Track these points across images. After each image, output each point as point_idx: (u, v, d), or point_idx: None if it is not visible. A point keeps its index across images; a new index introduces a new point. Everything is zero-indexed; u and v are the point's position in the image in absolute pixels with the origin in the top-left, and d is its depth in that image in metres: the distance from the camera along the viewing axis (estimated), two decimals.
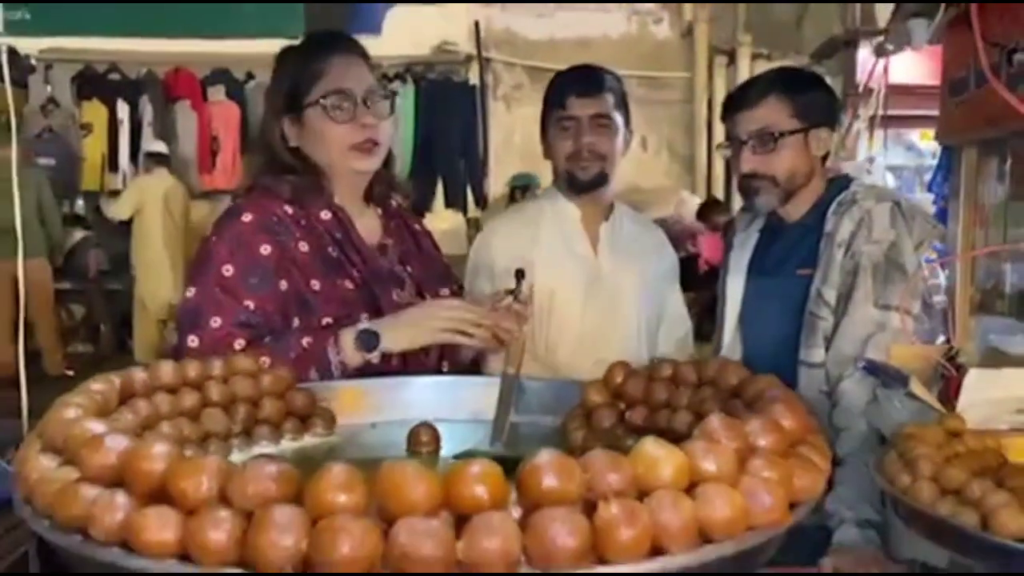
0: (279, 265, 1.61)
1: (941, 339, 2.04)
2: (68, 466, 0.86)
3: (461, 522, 0.75)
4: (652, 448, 0.80)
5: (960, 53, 4.04)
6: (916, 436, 1.24)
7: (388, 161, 1.80)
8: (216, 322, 1.56)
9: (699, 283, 4.92)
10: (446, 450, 1.35)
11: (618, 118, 2.15)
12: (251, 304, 1.57)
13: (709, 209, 7.12)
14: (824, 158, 1.96)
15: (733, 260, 2.08)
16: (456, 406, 1.50)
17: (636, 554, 0.74)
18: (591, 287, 2.18)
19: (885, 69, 5.58)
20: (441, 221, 7.30)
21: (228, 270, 1.59)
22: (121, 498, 0.77)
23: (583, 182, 2.14)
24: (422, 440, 1.35)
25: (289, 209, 1.66)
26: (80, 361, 7.13)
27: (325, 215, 1.70)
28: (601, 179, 2.15)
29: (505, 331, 1.59)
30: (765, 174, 1.90)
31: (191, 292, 1.60)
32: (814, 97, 1.94)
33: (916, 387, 1.49)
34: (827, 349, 1.83)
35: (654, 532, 0.75)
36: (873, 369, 1.66)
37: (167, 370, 1.27)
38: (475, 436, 1.41)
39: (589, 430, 1.36)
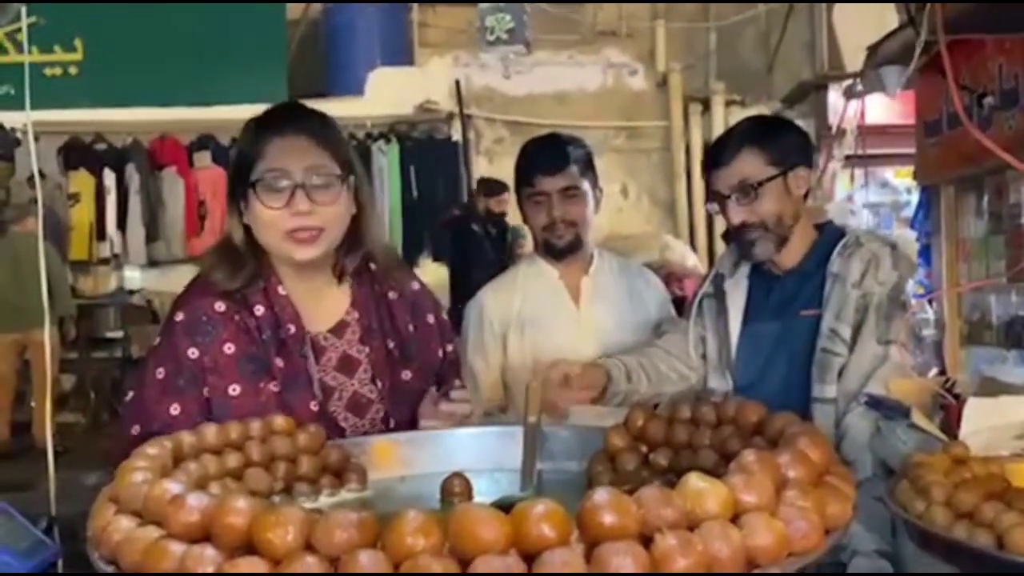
0: (203, 369, 1.58)
1: (934, 371, 2.13)
2: (151, 526, 0.92)
3: (527, 559, 0.81)
4: (697, 483, 0.87)
5: (932, 97, 4.19)
6: (925, 464, 1.27)
7: (361, 229, 1.69)
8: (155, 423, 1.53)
9: None
10: (479, 499, 1.37)
11: (585, 185, 2.31)
12: (176, 409, 1.55)
13: None
14: (805, 196, 2.05)
15: (731, 303, 2.15)
16: (481, 457, 1.53)
17: None
18: (576, 341, 2.29)
19: (862, 112, 5.76)
20: (429, 274, 7.38)
21: (160, 372, 1.58)
22: (210, 551, 0.83)
23: (559, 249, 2.33)
24: (455, 490, 1.39)
25: (222, 306, 1.60)
26: (73, 432, 7.11)
27: (259, 310, 1.62)
28: (576, 244, 2.33)
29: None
30: (754, 222, 1.98)
31: (129, 395, 1.62)
32: (786, 141, 2.02)
33: (918, 418, 1.55)
34: None
35: (707, 560, 0.81)
36: (875, 403, 1.73)
37: (212, 432, 1.33)
38: (504, 484, 1.44)
39: (614, 473, 1.40)
